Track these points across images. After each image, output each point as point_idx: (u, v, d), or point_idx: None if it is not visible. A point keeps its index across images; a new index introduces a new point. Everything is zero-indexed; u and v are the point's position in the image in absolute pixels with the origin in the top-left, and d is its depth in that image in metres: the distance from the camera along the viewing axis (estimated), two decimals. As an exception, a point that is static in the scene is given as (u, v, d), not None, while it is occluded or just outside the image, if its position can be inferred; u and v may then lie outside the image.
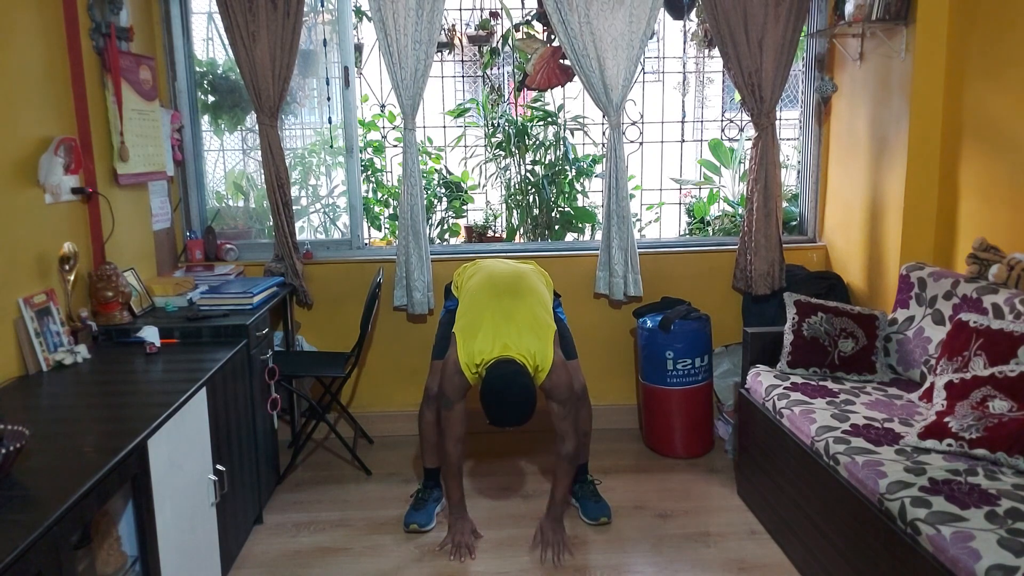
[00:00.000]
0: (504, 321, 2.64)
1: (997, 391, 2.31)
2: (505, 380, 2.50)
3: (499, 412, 2.49)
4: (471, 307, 2.76)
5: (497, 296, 2.74)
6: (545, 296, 2.89)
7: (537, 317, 2.71)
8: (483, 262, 3.06)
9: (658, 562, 2.81)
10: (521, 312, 2.68)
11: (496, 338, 2.61)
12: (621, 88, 3.64)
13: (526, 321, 2.66)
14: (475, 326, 2.65)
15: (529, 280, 2.89)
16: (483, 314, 2.68)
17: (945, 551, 1.88)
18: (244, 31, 3.45)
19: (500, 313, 2.66)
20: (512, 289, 2.79)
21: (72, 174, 2.80)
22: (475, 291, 2.82)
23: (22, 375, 2.45)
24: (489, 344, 2.60)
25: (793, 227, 4.18)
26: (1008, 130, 2.88)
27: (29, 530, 1.49)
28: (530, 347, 2.61)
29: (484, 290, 2.80)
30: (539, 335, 2.65)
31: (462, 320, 2.74)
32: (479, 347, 2.60)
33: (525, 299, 2.75)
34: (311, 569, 2.80)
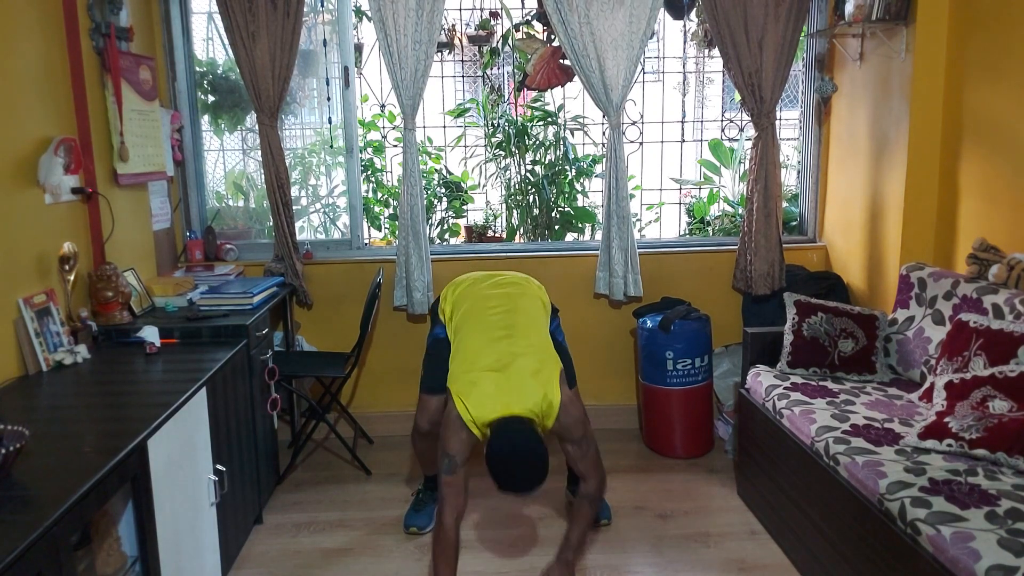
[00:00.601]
0: (502, 374, 2.36)
1: (997, 391, 2.31)
2: (513, 444, 2.23)
3: (509, 480, 2.24)
4: (464, 359, 2.48)
5: (491, 342, 2.48)
6: (542, 322, 2.67)
7: (538, 357, 2.45)
8: (472, 288, 2.78)
9: (658, 562, 2.81)
10: (520, 354, 2.42)
11: (498, 394, 2.33)
12: (621, 88, 3.64)
13: (526, 366, 2.38)
14: (472, 383, 2.38)
15: (523, 310, 2.64)
16: (478, 367, 2.40)
17: (945, 551, 1.88)
18: (244, 31, 3.45)
19: (496, 364, 2.39)
20: (506, 328, 2.53)
21: (72, 174, 2.80)
22: (466, 336, 2.56)
23: (22, 375, 2.45)
24: (490, 402, 2.32)
25: (793, 227, 4.18)
26: (1008, 130, 2.88)
27: (29, 530, 1.49)
28: (535, 394, 2.34)
29: (476, 335, 2.54)
30: (542, 376, 2.39)
31: (457, 375, 2.45)
32: (479, 407, 2.33)
33: (521, 338, 2.50)
34: (311, 569, 2.80)
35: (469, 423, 2.35)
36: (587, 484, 2.52)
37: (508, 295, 2.70)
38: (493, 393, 2.33)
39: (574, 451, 2.49)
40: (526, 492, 2.28)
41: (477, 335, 2.54)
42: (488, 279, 2.82)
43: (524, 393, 2.33)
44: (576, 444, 2.48)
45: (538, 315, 2.68)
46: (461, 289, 2.80)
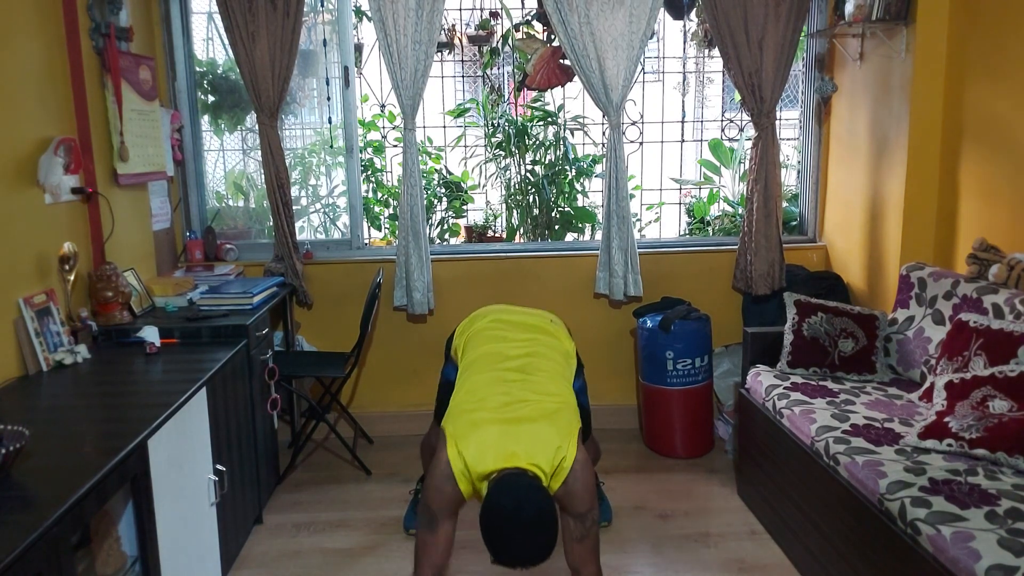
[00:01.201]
0: (512, 417, 2.01)
1: (997, 391, 2.31)
2: (517, 502, 1.83)
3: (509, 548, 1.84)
4: (467, 397, 2.14)
5: (503, 381, 2.15)
6: (564, 373, 2.33)
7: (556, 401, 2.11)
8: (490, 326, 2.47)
9: (658, 562, 2.81)
10: (534, 399, 2.08)
11: (502, 441, 1.95)
12: (621, 88, 3.64)
13: (541, 411, 2.04)
14: (472, 424, 2.02)
15: (545, 354, 2.32)
16: (482, 407, 2.07)
17: (945, 551, 1.88)
18: (244, 31, 3.45)
19: (506, 405, 2.05)
20: (523, 368, 2.21)
21: (72, 174, 2.80)
22: (475, 373, 2.25)
23: (22, 375, 2.45)
24: (492, 451, 1.95)
25: (793, 227, 4.18)
26: (1008, 130, 2.88)
27: (29, 530, 1.49)
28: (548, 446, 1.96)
29: (486, 371, 2.23)
30: (559, 425, 2.01)
31: (456, 413, 2.09)
32: (477, 454, 1.96)
33: (540, 381, 2.17)
34: (311, 569, 2.80)
35: (459, 474, 1.97)
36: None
37: (529, 336, 2.40)
38: (496, 440, 1.96)
39: (575, 528, 2.04)
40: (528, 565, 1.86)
41: (486, 373, 2.23)
42: (508, 321, 2.51)
43: (535, 443, 1.95)
44: (579, 520, 2.03)
45: (560, 364, 2.35)
46: (478, 325, 2.50)
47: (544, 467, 1.94)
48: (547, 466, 1.94)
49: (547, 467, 1.94)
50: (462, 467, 1.97)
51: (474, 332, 2.48)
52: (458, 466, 1.97)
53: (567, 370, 2.37)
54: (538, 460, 1.93)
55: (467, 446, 1.97)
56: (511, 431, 1.97)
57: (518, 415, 2.02)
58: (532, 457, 1.93)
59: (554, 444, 1.96)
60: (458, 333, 2.57)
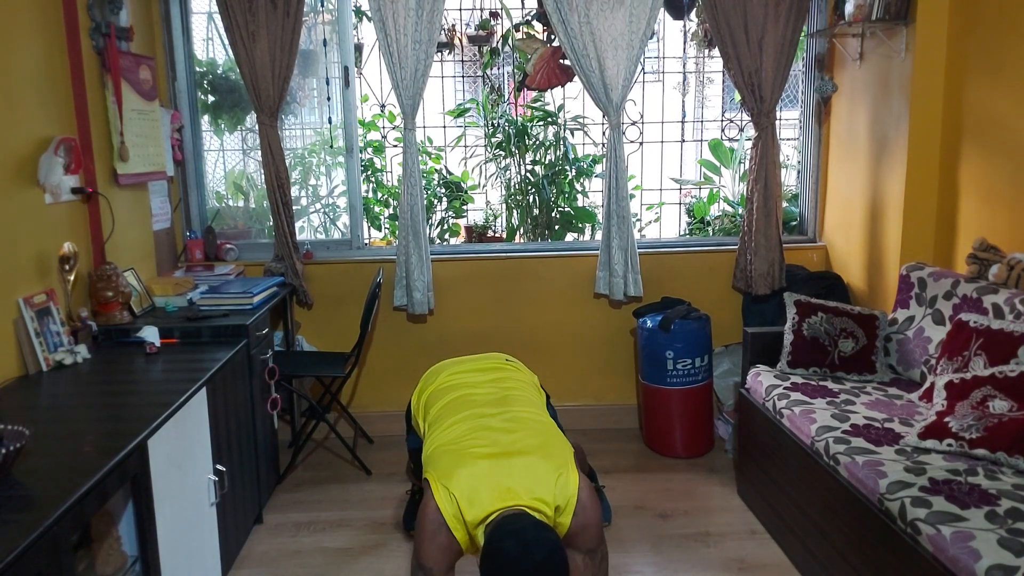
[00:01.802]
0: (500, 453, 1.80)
1: (997, 391, 2.31)
2: (523, 542, 1.61)
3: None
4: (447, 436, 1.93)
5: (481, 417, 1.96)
6: (539, 402, 2.21)
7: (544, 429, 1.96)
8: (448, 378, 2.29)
9: (658, 562, 2.81)
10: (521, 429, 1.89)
11: (496, 476, 1.74)
12: (621, 88, 3.64)
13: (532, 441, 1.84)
14: (458, 462, 1.81)
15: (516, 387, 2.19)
16: (466, 442, 1.87)
17: (945, 551, 1.88)
18: (244, 31, 3.45)
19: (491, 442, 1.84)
20: (499, 402, 2.05)
21: (72, 174, 2.80)
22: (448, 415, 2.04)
23: (22, 375, 2.45)
24: (486, 490, 1.74)
25: (793, 227, 4.18)
26: (1008, 130, 2.88)
27: (29, 530, 1.49)
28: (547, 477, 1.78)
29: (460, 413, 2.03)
30: (553, 455, 1.82)
31: (437, 456, 1.87)
32: (469, 497, 1.74)
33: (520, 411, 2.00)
34: (311, 569, 2.80)
35: (452, 519, 1.75)
36: None
37: (492, 376, 2.27)
38: (489, 476, 1.74)
39: (586, 565, 1.86)
40: None
41: (459, 418, 2.02)
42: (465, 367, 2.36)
43: (532, 476, 1.75)
44: (589, 555, 1.86)
45: (531, 392, 2.24)
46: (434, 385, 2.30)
47: (547, 500, 1.75)
48: (550, 499, 1.76)
49: (551, 500, 1.76)
50: (455, 511, 1.75)
51: (432, 392, 2.29)
52: (450, 510, 1.75)
53: (539, 398, 2.26)
54: (540, 494, 1.74)
55: (457, 486, 1.76)
56: (503, 465, 1.77)
57: (507, 449, 1.82)
58: (532, 492, 1.74)
59: (553, 475, 1.78)
60: (414, 401, 2.38)
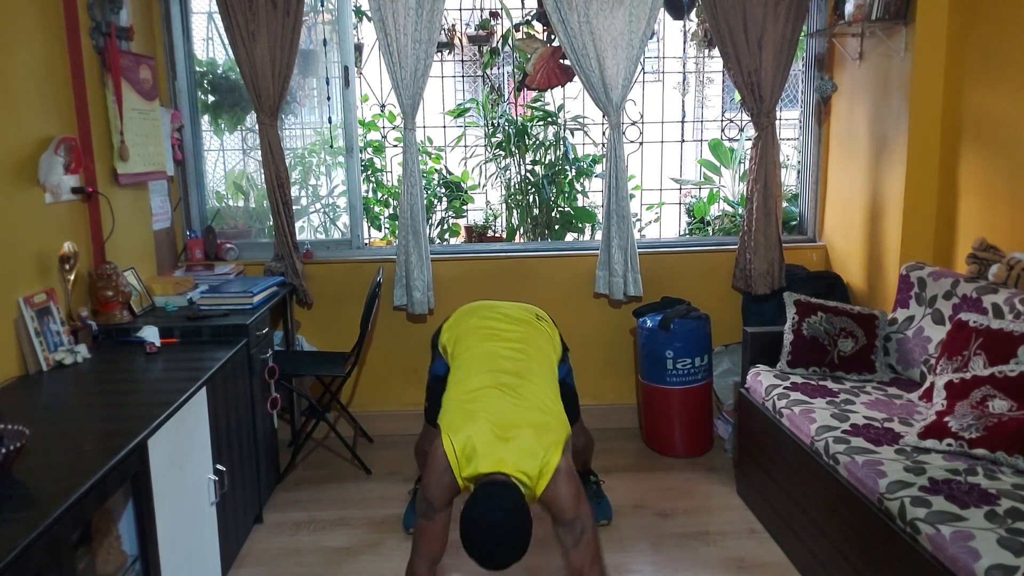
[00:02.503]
0: (502, 422, 2.11)
1: (997, 391, 2.31)
2: (494, 513, 1.94)
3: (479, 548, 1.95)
4: (461, 395, 2.24)
5: (496, 385, 2.23)
6: (552, 369, 2.44)
7: (546, 409, 2.21)
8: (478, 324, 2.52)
9: (658, 561, 2.81)
10: (525, 406, 2.17)
11: (492, 443, 2.07)
12: (621, 88, 3.64)
13: (532, 419, 2.14)
14: (466, 420, 2.13)
15: (534, 352, 2.41)
16: (476, 407, 2.17)
17: (945, 550, 1.88)
18: (244, 31, 3.46)
19: (496, 409, 2.15)
20: (515, 372, 2.29)
21: (72, 174, 2.80)
22: (468, 373, 2.31)
23: (22, 375, 2.45)
24: (482, 454, 2.07)
25: (793, 227, 4.18)
26: (1008, 130, 2.88)
27: (29, 529, 1.49)
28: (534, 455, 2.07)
29: (479, 374, 2.29)
30: (547, 436, 2.11)
31: (451, 410, 2.20)
32: (467, 449, 2.08)
33: (531, 385, 2.25)
34: (311, 568, 2.81)
35: (455, 467, 2.09)
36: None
37: (520, 334, 2.46)
38: (487, 444, 2.07)
39: (566, 537, 2.09)
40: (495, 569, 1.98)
41: (479, 375, 2.29)
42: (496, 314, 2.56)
43: (522, 452, 2.06)
44: (568, 527, 2.09)
45: (549, 359, 2.46)
46: (466, 323, 2.55)
47: (530, 474, 2.06)
48: (533, 472, 2.07)
49: (532, 473, 2.07)
50: (456, 462, 2.09)
51: (464, 330, 2.52)
52: (453, 460, 2.09)
53: (554, 359, 2.51)
54: (524, 467, 2.06)
55: (460, 444, 2.09)
56: (501, 439, 2.08)
57: (511, 423, 2.11)
58: (518, 465, 2.06)
59: (540, 453, 2.07)
60: (446, 329, 2.62)
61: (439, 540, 2.15)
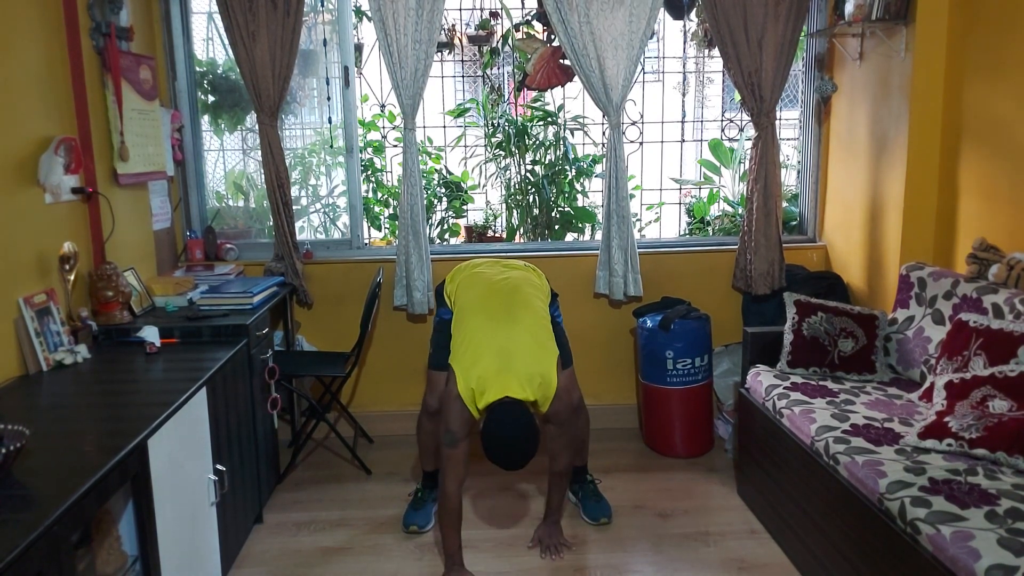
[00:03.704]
0: (503, 355, 2.54)
1: (997, 391, 2.31)
2: (508, 425, 2.45)
3: (502, 457, 2.47)
4: (467, 338, 2.63)
5: (493, 324, 2.63)
6: (542, 310, 2.80)
7: (537, 341, 2.63)
8: (476, 271, 2.92)
9: (658, 561, 2.81)
10: (520, 340, 2.59)
11: (498, 376, 2.50)
12: (621, 88, 3.64)
13: (526, 349, 2.57)
14: (474, 361, 2.55)
15: (525, 295, 2.77)
16: (480, 347, 2.57)
17: (945, 551, 1.88)
18: (244, 31, 3.45)
19: (497, 345, 2.56)
20: (508, 312, 2.68)
21: (72, 174, 2.80)
22: (469, 316, 2.71)
23: (22, 375, 2.45)
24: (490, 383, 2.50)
25: (793, 227, 4.18)
26: (1008, 130, 2.88)
27: (29, 529, 1.49)
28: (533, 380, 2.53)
29: (479, 316, 2.69)
30: (540, 361, 2.57)
31: (460, 353, 2.61)
32: (479, 386, 2.52)
33: (523, 322, 2.65)
34: (311, 569, 2.80)
35: (468, 402, 2.53)
36: (556, 462, 2.75)
37: (511, 282, 2.82)
38: (494, 376, 2.50)
39: (554, 431, 2.70)
40: (515, 469, 2.50)
41: (480, 318, 2.67)
42: (493, 266, 2.95)
43: (523, 378, 2.51)
44: (558, 426, 2.68)
45: (539, 301, 2.82)
46: (466, 274, 2.92)
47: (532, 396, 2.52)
48: (533, 395, 2.53)
49: (533, 396, 2.53)
50: (471, 396, 2.52)
51: (464, 279, 2.89)
52: (467, 396, 2.53)
53: (544, 301, 2.86)
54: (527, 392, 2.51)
55: (472, 381, 2.52)
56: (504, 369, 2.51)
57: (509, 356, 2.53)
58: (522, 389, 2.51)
59: (537, 380, 2.53)
60: (449, 280, 2.97)
61: (463, 464, 2.60)
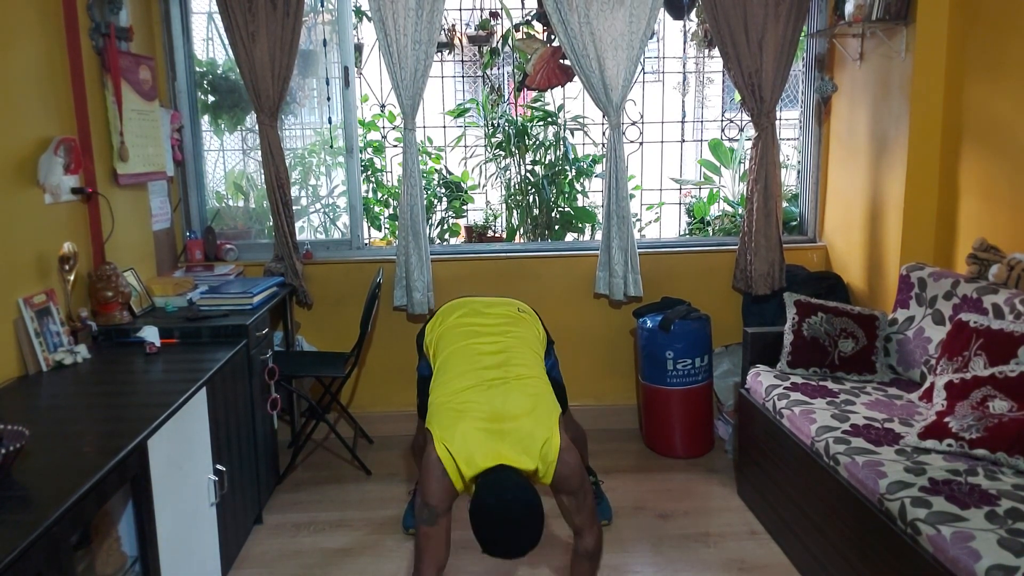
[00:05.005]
0: (493, 415, 2.09)
1: (997, 391, 2.31)
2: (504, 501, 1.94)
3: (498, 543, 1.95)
4: (447, 393, 2.20)
5: (481, 378, 2.21)
6: (538, 359, 2.41)
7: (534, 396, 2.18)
8: (460, 320, 2.50)
9: (658, 562, 2.81)
10: (513, 397, 2.14)
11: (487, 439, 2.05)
12: (621, 88, 3.64)
13: (520, 406, 2.12)
14: (455, 419, 2.10)
15: (518, 343, 2.38)
16: (464, 404, 2.14)
17: (945, 551, 1.88)
18: (244, 31, 3.45)
19: (485, 402, 2.12)
20: (499, 364, 2.27)
21: (72, 174, 2.80)
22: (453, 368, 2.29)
23: (22, 375, 2.45)
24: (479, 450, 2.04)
25: (793, 227, 4.18)
26: (1008, 130, 2.88)
27: (29, 530, 1.48)
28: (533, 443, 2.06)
29: (464, 368, 2.27)
30: (540, 421, 2.10)
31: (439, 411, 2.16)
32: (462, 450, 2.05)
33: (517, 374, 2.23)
34: (311, 569, 2.80)
35: (451, 471, 2.06)
36: (584, 540, 2.22)
37: (500, 327, 2.44)
38: (483, 441, 2.05)
39: (570, 503, 2.17)
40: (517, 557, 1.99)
41: (464, 371, 2.27)
42: (478, 310, 2.55)
43: (520, 441, 2.05)
44: (573, 495, 2.15)
45: (533, 350, 2.43)
46: (446, 322, 2.52)
47: (531, 465, 2.05)
48: (534, 465, 2.06)
49: (534, 465, 2.06)
50: (453, 466, 2.06)
51: (445, 329, 2.50)
52: (449, 465, 2.06)
53: (540, 350, 2.48)
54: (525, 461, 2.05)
55: (455, 446, 2.06)
56: (496, 432, 2.06)
57: (502, 415, 2.09)
58: (519, 457, 2.05)
59: (538, 442, 2.06)
60: (428, 330, 2.60)
61: (443, 545, 2.11)
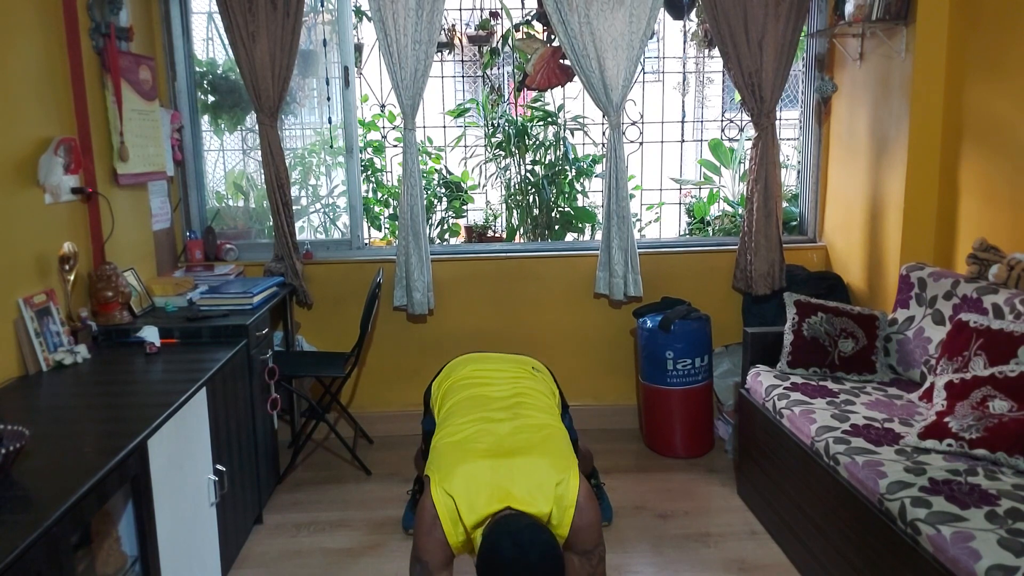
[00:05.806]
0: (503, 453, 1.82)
1: (997, 391, 2.31)
2: (518, 543, 1.63)
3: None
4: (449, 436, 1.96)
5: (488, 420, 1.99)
6: (553, 409, 2.20)
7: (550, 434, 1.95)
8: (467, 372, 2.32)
9: (658, 562, 2.81)
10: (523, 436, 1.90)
11: (495, 480, 1.76)
12: (621, 88, 3.64)
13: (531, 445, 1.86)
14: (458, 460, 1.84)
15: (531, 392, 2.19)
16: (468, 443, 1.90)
17: (945, 551, 1.88)
18: (244, 31, 3.45)
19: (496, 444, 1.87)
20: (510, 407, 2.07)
21: (72, 174, 2.80)
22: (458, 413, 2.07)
23: (22, 375, 2.45)
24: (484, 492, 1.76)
25: (793, 227, 4.18)
26: (1008, 130, 2.88)
27: (29, 530, 1.48)
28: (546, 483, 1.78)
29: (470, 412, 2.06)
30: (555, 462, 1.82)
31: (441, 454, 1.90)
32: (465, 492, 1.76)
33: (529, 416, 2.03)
34: (311, 569, 2.80)
35: (447, 521, 1.78)
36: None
37: (512, 380, 2.25)
38: (488, 477, 1.77)
39: (581, 566, 1.86)
40: None
41: (471, 414, 2.06)
42: (488, 365, 2.39)
43: (531, 480, 1.77)
44: (586, 556, 1.85)
45: (547, 400, 2.23)
46: (456, 375, 2.34)
47: (545, 507, 1.77)
48: (548, 507, 1.77)
49: (548, 507, 1.78)
50: (453, 515, 1.77)
51: (453, 382, 2.32)
52: (446, 513, 1.77)
53: (554, 403, 2.28)
54: (538, 502, 1.76)
55: (456, 489, 1.77)
56: (503, 465, 1.79)
57: (510, 448, 1.84)
58: (531, 497, 1.76)
59: (553, 480, 1.79)
60: (435, 385, 2.42)
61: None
